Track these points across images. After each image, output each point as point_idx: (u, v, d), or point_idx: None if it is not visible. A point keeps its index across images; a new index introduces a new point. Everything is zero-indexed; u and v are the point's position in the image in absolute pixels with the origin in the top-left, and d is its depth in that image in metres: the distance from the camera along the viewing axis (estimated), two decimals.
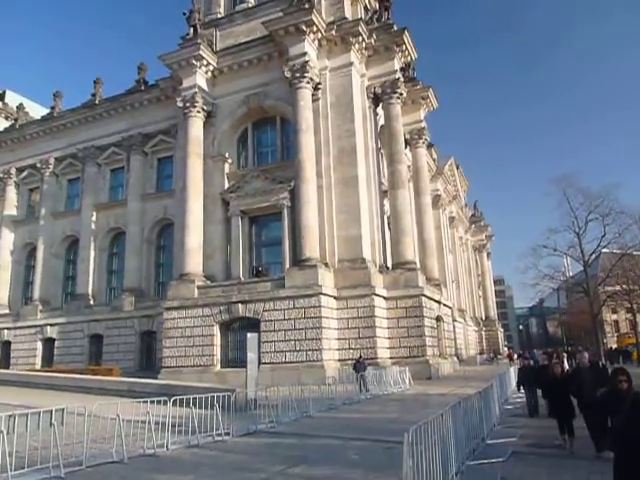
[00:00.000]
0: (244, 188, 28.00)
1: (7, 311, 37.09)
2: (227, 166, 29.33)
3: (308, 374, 20.96)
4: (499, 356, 52.21)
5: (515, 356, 39.94)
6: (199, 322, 25.60)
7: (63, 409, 9.53)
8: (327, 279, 24.47)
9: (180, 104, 28.79)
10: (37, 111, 43.85)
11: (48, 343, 34.15)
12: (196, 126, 28.56)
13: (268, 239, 29.10)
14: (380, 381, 19.87)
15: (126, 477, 8.63)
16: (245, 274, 27.40)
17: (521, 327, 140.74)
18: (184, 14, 29.97)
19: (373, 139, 28.34)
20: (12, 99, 46.26)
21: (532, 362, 16.88)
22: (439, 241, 41.64)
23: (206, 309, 25.56)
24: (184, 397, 12.15)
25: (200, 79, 28.87)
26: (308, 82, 26.32)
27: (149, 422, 10.55)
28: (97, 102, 36.33)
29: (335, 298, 24.69)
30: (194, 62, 28.41)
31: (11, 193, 39.62)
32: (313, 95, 26.81)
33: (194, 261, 26.97)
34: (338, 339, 24.38)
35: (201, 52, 28.23)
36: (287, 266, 25.58)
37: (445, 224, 48.63)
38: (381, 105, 29.18)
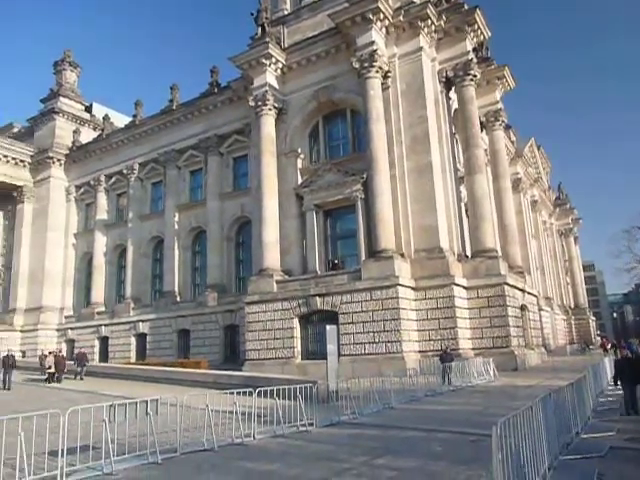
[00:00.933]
0: (317, 182, 28.21)
1: (103, 309, 39.87)
2: (300, 161, 29.68)
3: (388, 366, 20.82)
4: (591, 346, 49.20)
5: (609, 346, 37.47)
6: (279, 315, 26.17)
7: (157, 400, 10.06)
8: (404, 270, 24.15)
9: (252, 103, 29.45)
10: (121, 120, 46.59)
11: (141, 338, 36.34)
12: (268, 124, 29.11)
13: (343, 232, 29.15)
14: (463, 373, 19.37)
15: (218, 465, 8.99)
16: (321, 267, 27.64)
17: (615, 315, 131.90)
18: (252, 14, 30.57)
19: (447, 124, 27.53)
20: (98, 110, 49.44)
21: (629, 353, 15.71)
22: (521, 227, 39.82)
23: (285, 303, 26.08)
24: (268, 388, 12.47)
25: (270, 77, 29.36)
26: (377, 71, 25.99)
27: (236, 412, 10.93)
28: (174, 107, 37.99)
29: (413, 289, 24.32)
30: (263, 61, 28.93)
31: (102, 199, 42.44)
32: (383, 84, 26.46)
33: (272, 256, 27.57)
34: (418, 330, 24.01)
35: (270, 50, 28.68)
36: (363, 258, 25.52)
37: (527, 209, 46.43)
38: (454, 89, 28.28)
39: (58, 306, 42.32)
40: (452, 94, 28.65)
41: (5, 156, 43.48)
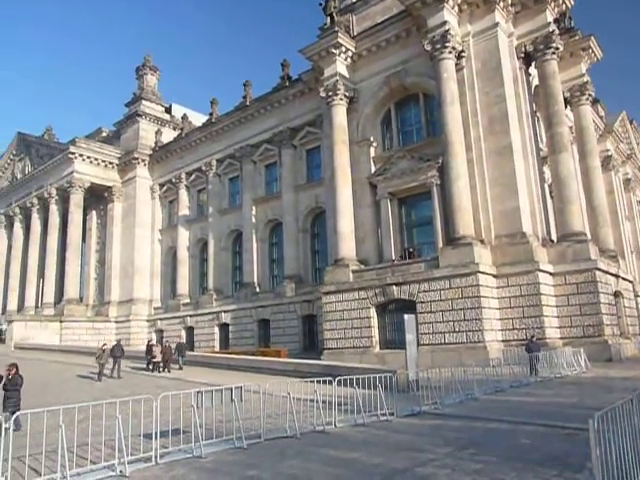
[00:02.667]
0: (390, 170, 27.83)
1: (188, 300, 41.84)
2: (372, 150, 29.40)
3: (470, 355, 20.26)
4: None
5: None
6: (356, 305, 26.19)
7: (241, 387, 10.40)
8: (484, 256, 23.31)
9: (323, 94, 29.50)
10: (198, 119, 48.33)
11: (223, 328, 37.80)
12: (340, 113, 29.05)
13: (418, 219, 28.60)
14: (551, 363, 18.43)
15: (301, 451, 9.15)
16: (397, 256, 27.30)
17: None
18: (320, 4, 30.54)
19: (527, 102, 26.13)
20: (177, 111, 51.62)
21: None
22: (613, 207, 37.09)
23: (362, 292, 26.04)
24: (347, 377, 12.53)
25: (340, 66, 29.24)
26: (450, 52, 25.13)
27: (317, 400, 11.07)
28: (248, 103, 38.86)
29: (494, 276, 23.43)
30: (333, 50, 28.84)
31: (183, 195, 44.42)
32: (456, 65, 25.54)
33: (347, 246, 27.60)
34: (500, 319, 23.14)
35: (339, 39, 28.54)
36: (440, 245, 24.92)
37: (619, 188, 43.15)
38: (534, 64, 26.75)
39: (147, 298, 44.93)
40: (532, 70, 27.12)
41: (96, 159, 46.61)
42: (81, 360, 30.42)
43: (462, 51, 25.75)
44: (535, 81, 27.42)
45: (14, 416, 8.37)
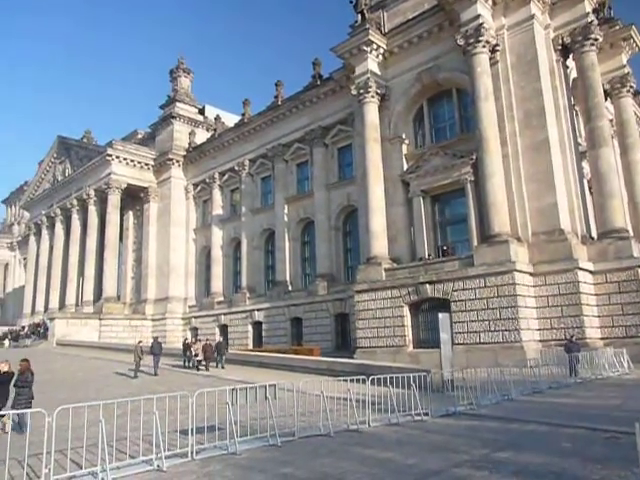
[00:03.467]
0: (423, 167, 27.50)
1: (222, 298, 42.38)
2: (404, 147, 29.12)
3: (506, 355, 19.86)
4: None
5: None
6: (388, 304, 26.01)
7: (275, 385, 10.46)
8: (520, 254, 22.80)
9: (354, 92, 29.38)
10: (231, 119, 48.86)
11: (257, 326, 38.13)
12: (371, 111, 28.87)
13: (452, 217, 28.19)
14: (592, 364, 17.90)
15: (335, 450, 9.13)
16: (430, 254, 26.97)
17: None
18: (351, 2, 30.40)
19: (564, 96, 25.42)
20: (210, 112, 52.30)
21: None
22: None
23: (394, 291, 25.84)
24: (381, 376, 12.44)
25: (372, 64, 29.06)
26: (484, 46, 24.65)
27: (350, 399, 11.03)
28: (279, 103, 39.08)
29: (531, 274, 22.89)
30: (364, 48, 28.68)
31: (216, 195, 45.00)
32: (491, 59, 25.03)
33: (379, 244, 27.44)
34: (538, 318, 22.58)
35: (370, 37, 28.36)
36: (475, 243, 24.50)
37: None
38: (571, 56, 26.00)
39: (182, 296, 45.73)
40: (570, 62, 26.36)
41: (132, 161, 47.71)
42: (119, 357, 31.19)
43: (496, 45, 25.23)
44: (573, 74, 26.66)
45: (18, 412, 8.68)
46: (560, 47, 25.67)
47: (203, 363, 24.12)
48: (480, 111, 24.25)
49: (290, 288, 36.80)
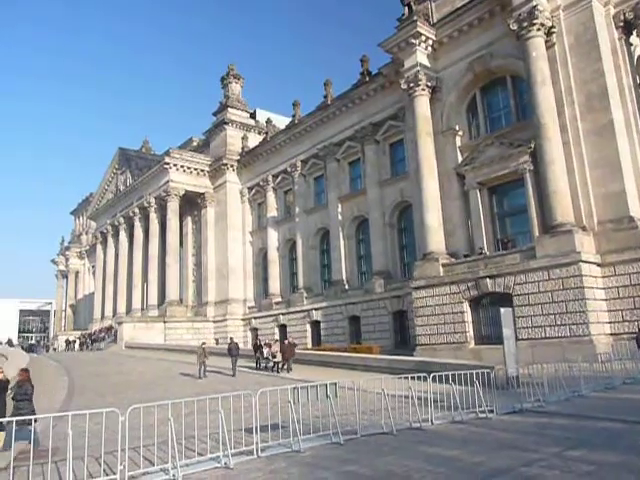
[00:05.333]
0: (479, 158, 26.78)
1: (280, 299, 42.97)
2: (458, 139, 28.47)
3: (574, 350, 18.96)
4: None
5: None
6: (447, 300, 25.52)
7: (336, 383, 10.49)
8: (586, 245, 21.77)
9: (404, 86, 29.01)
10: (282, 122, 49.45)
11: (315, 325, 38.40)
12: (422, 104, 28.42)
13: (511, 208, 27.29)
14: None
15: (398, 448, 9.06)
16: (489, 248, 26.24)
17: None
18: None
19: (629, 75, 24.01)
20: (261, 115, 53.15)
21: None
22: None
23: (453, 286, 25.33)
24: (442, 373, 12.22)
25: (421, 56, 28.59)
26: (538, 29, 23.70)
27: (412, 397, 10.92)
28: (329, 102, 39.15)
29: (598, 265, 21.81)
30: (412, 41, 28.25)
31: (270, 197, 45.66)
32: (546, 42, 24.03)
33: (436, 239, 26.97)
34: (608, 311, 21.49)
35: (418, 29, 27.90)
36: (536, 234, 23.61)
37: None
38: (635, 32, 24.53)
39: (241, 298, 46.72)
40: (634, 39, 24.89)
41: (189, 167, 49.23)
42: (184, 358, 32.27)
43: (552, 27, 24.19)
44: (638, 51, 25.17)
45: (28, 426, 8.30)
46: (622, 24, 24.26)
47: (280, 364, 23.35)
48: (537, 97, 23.34)
49: (347, 287, 36.81)
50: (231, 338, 28.31)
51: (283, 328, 41.08)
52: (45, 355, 45.90)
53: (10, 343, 56.84)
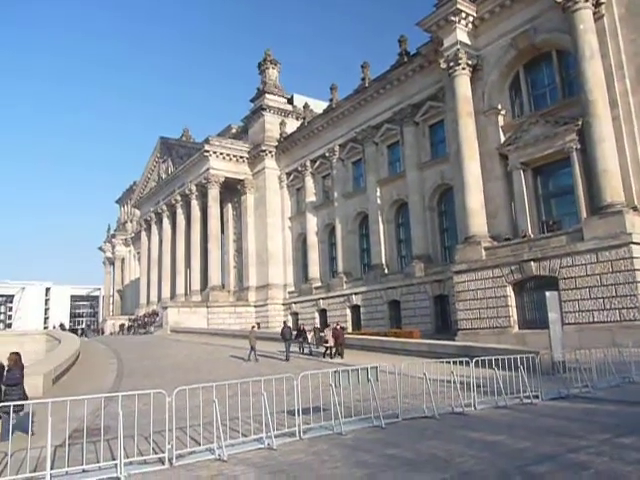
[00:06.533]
0: (522, 138, 25.93)
1: (320, 284, 43.19)
2: (501, 118, 27.61)
3: (625, 335, 18.29)
4: None
5: None
6: (490, 284, 25.02)
7: (376, 367, 10.49)
8: (637, 226, 20.82)
9: (444, 65, 28.29)
10: (319, 106, 49.16)
11: (355, 309, 38.45)
12: (463, 84, 27.67)
13: (556, 189, 26.39)
14: None
15: (440, 432, 9.01)
16: (534, 230, 25.51)
17: None
18: None
19: None
20: (298, 101, 53.00)
21: None
22: None
23: (496, 270, 24.79)
24: (485, 358, 12.04)
25: (461, 34, 27.76)
26: (586, 0, 22.59)
27: (454, 381, 10.81)
28: (367, 85, 38.64)
29: None
30: (452, 18, 27.45)
31: (309, 183, 45.70)
32: (594, 14, 22.88)
33: (477, 222, 26.41)
34: None
35: (458, 5, 27.04)
36: (583, 216, 22.77)
37: None
38: None
39: (281, 283, 47.21)
40: None
41: (228, 155, 49.78)
42: (226, 342, 32.97)
43: None
44: None
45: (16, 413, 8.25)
46: None
47: (333, 350, 22.66)
48: (585, 72, 22.32)
49: (386, 271, 36.62)
50: (284, 322, 28.44)
51: (323, 313, 41.33)
52: (95, 339, 47.79)
53: (62, 327, 59.45)
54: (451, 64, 27.85)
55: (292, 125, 49.46)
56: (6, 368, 10.21)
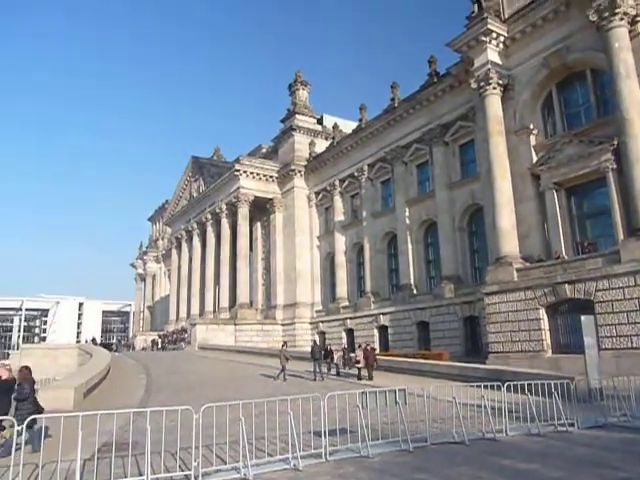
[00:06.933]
0: (555, 158, 25.50)
1: (347, 303, 42.95)
2: (532, 138, 27.25)
3: None
4: None
5: None
6: (522, 306, 24.43)
7: (404, 389, 10.31)
8: None
9: (474, 85, 28.20)
10: (348, 126, 49.53)
11: (382, 330, 38.01)
12: (493, 103, 27.50)
13: (591, 210, 25.76)
14: None
15: (471, 457, 8.76)
16: (568, 251, 24.90)
17: None
18: None
19: None
20: (328, 121, 53.54)
21: None
22: None
23: (528, 292, 24.22)
24: (517, 383, 11.71)
25: (492, 54, 27.68)
26: (621, 18, 22.25)
27: (484, 406, 10.53)
28: (396, 105, 38.77)
29: None
30: (483, 38, 27.42)
31: (337, 202, 45.82)
32: (630, 32, 22.50)
33: (509, 243, 25.94)
34: None
35: (489, 26, 27.02)
36: (620, 238, 22.11)
37: None
38: None
39: (309, 302, 47.13)
40: None
41: (258, 174, 50.44)
42: (253, 359, 32.98)
43: (636, 15, 22.64)
44: None
45: (26, 427, 7.94)
46: None
47: (367, 372, 22.10)
48: (621, 91, 21.91)
49: (415, 291, 36.20)
50: (314, 341, 28.20)
51: (350, 332, 41.00)
52: (125, 354, 48.48)
53: (94, 341, 60.53)
54: (482, 84, 27.74)
55: (321, 145, 49.87)
56: (17, 382, 10.25)
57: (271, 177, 50.89)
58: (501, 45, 27.85)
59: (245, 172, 49.77)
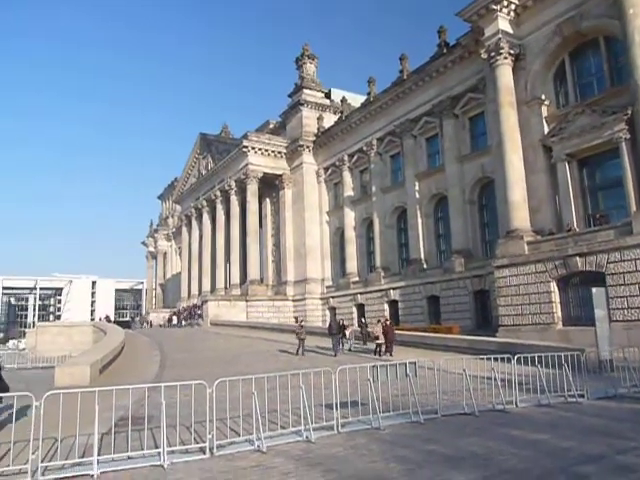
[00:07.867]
0: (567, 129, 25.07)
1: (357, 278, 43.09)
2: (544, 109, 26.77)
3: None
4: None
5: None
6: (532, 279, 24.37)
7: (415, 362, 10.40)
8: None
9: (484, 55, 27.63)
10: (357, 100, 48.89)
11: (392, 304, 38.18)
12: (504, 74, 26.96)
13: (603, 181, 25.41)
14: None
15: (480, 429, 8.87)
16: (579, 224, 24.68)
17: None
18: None
19: None
20: (336, 95, 52.87)
21: None
22: None
23: (539, 265, 24.12)
24: (528, 355, 11.77)
25: (502, 23, 27.02)
26: None
27: (494, 378, 10.61)
28: (405, 77, 38.15)
29: None
30: (493, 7, 26.73)
31: (347, 177, 45.56)
32: None
33: (520, 216, 25.74)
34: None
35: None
36: (633, 209, 21.84)
37: None
38: None
39: (319, 277, 47.35)
40: None
41: (266, 150, 50.17)
42: (264, 335, 33.39)
43: None
44: None
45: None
46: None
47: (384, 347, 21.71)
48: (635, 58, 21.34)
49: (425, 266, 36.19)
50: (332, 316, 28.13)
51: (361, 307, 41.24)
52: (139, 331, 49.23)
53: (108, 319, 61.45)
54: (492, 54, 27.18)
55: (330, 119, 49.36)
56: None
57: (279, 153, 50.62)
58: (512, 13, 27.17)
59: (253, 148, 49.54)
